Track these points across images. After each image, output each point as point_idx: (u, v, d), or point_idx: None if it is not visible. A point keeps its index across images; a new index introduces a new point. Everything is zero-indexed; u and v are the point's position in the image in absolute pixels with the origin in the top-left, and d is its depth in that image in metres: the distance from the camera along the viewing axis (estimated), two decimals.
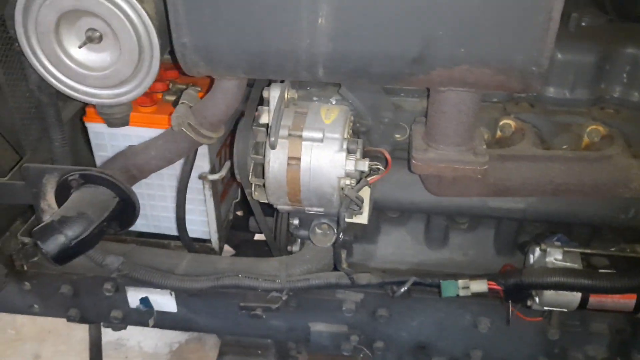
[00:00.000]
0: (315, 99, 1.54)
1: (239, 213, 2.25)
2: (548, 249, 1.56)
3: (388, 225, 1.87)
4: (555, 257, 1.56)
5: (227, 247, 2.16)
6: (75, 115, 1.74)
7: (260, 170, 1.46)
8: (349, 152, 1.41)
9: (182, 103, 1.44)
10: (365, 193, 1.53)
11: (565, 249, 1.56)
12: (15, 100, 1.54)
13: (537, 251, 1.61)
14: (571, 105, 1.58)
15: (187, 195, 1.73)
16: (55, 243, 1.32)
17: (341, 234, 1.48)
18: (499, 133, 1.58)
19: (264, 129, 1.45)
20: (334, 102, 1.53)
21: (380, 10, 1.14)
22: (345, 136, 1.41)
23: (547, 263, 1.56)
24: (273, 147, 1.36)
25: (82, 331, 2.82)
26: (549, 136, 1.59)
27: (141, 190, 1.77)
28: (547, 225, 1.76)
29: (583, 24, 1.63)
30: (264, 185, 1.46)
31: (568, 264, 1.55)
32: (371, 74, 1.25)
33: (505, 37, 1.15)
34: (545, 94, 1.59)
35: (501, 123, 1.57)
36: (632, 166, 1.47)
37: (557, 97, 1.59)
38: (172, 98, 1.68)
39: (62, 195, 1.45)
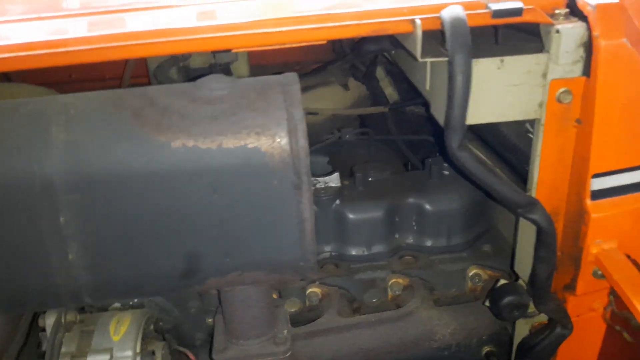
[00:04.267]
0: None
1: None
2: None
3: None
4: None
5: None
6: None
7: None
8: None
9: None
10: None
11: None
12: None
13: None
14: (372, 260, 1.63)
15: None
16: None
17: None
18: (307, 302, 1.58)
19: None
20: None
21: (129, 239, 1.10)
22: (138, 350, 1.31)
23: None
24: None
25: None
26: (358, 294, 1.61)
27: None
28: None
29: (370, 179, 1.71)
30: None
31: None
32: (144, 292, 1.20)
33: (266, 244, 1.15)
34: (347, 254, 1.63)
35: (308, 292, 1.57)
36: (433, 317, 1.51)
37: (358, 255, 1.63)
38: None
39: None
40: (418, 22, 1.07)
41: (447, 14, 1.06)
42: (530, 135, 1.24)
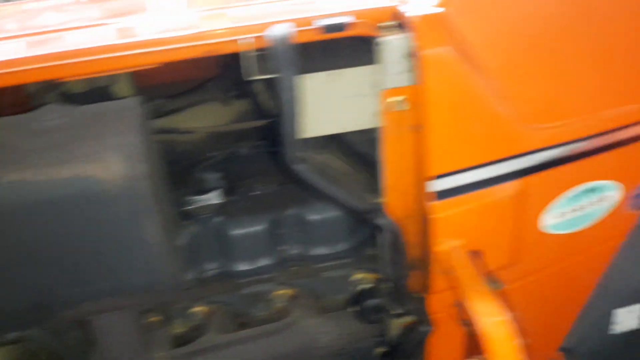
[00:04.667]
0: None
1: None
2: None
3: None
4: None
5: None
6: None
7: None
8: None
9: None
10: None
11: None
12: None
13: None
14: (258, 274, 1.63)
15: None
16: None
17: None
18: (192, 322, 1.57)
19: None
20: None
21: None
22: None
23: None
24: None
25: None
26: (245, 308, 1.62)
27: None
28: None
29: (256, 192, 1.73)
30: None
31: None
32: None
33: (117, 271, 1.15)
34: (233, 269, 1.63)
35: (191, 311, 1.57)
36: (315, 325, 1.53)
37: (243, 270, 1.63)
38: None
39: None
40: (241, 42, 1.09)
41: (272, 33, 1.09)
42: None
